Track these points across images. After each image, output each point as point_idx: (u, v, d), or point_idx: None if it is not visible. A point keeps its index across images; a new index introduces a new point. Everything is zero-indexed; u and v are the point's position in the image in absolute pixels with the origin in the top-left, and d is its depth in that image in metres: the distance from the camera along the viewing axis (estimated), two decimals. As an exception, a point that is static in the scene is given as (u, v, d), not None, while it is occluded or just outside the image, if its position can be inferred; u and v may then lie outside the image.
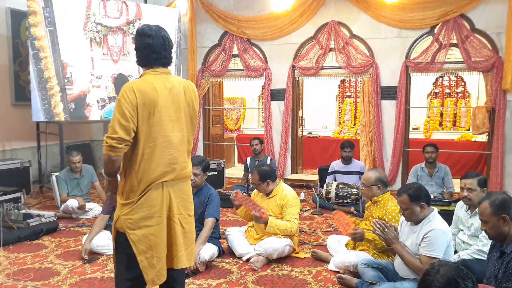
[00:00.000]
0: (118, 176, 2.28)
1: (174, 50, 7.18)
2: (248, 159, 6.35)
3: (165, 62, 2.29)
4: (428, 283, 1.81)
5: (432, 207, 2.93)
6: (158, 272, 2.20)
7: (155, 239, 2.19)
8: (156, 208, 2.19)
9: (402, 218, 3.11)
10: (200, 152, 8.05)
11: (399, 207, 2.92)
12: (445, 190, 5.37)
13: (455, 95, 9.62)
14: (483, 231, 3.10)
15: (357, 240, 3.33)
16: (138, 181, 2.17)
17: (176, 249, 2.26)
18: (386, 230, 2.88)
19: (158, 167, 2.18)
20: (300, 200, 5.54)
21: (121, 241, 2.22)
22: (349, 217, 3.69)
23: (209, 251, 3.56)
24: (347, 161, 5.83)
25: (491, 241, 2.51)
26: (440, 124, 9.56)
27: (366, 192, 3.53)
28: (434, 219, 2.84)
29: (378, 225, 2.94)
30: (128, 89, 2.12)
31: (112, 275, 3.40)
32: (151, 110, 2.14)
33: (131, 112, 2.09)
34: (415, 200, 2.82)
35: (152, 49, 2.23)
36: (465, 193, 3.27)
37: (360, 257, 3.28)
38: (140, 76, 2.27)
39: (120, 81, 6.75)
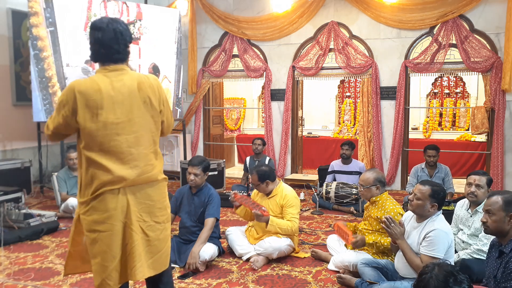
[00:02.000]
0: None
1: (174, 51, 7.24)
2: (247, 159, 6.36)
3: (117, 58, 2.12)
4: (425, 282, 1.82)
5: None
6: (103, 280, 2.10)
7: (102, 246, 2.08)
8: (108, 214, 2.07)
9: (404, 216, 3.12)
10: (200, 152, 8.07)
11: (413, 194, 2.91)
12: None
13: (454, 95, 9.64)
14: (483, 231, 3.12)
15: (359, 246, 3.35)
16: (90, 181, 2.09)
17: (134, 259, 2.11)
18: (392, 224, 2.89)
19: (108, 171, 2.07)
20: (300, 200, 5.55)
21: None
22: (348, 224, 3.65)
23: (209, 250, 3.57)
24: (345, 159, 5.85)
25: (490, 240, 2.53)
26: (440, 124, 9.58)
27: (365, 193, 3.54)
28: (438, 219, 2.86)
29: (384, 220, 2.94)
30: (70, 89, 2.05)
31: (113, 274, 3.42)
32: (94, 112, 2.04)
33: (66, 112, 2.05)
34: (433, 197, 2.83)
35: (102, 43, 2.08)
36: (473, 189, 3.28)
37: (359, 256, 3.30)
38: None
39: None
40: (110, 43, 2.08)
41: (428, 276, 1.82)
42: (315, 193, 5.63)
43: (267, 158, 6.20)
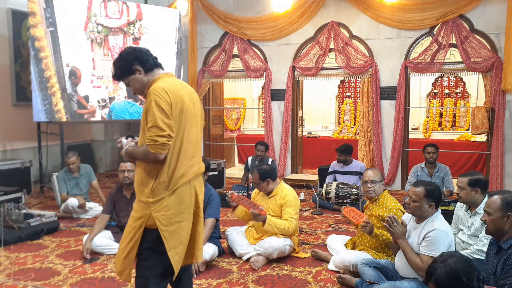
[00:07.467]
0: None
1: (174, 50, 7.24)
2: (249, 158, 6.36)
3: (160, 64, 2.41)
4: (432, 270, 1.84)
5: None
6: (179, 265, 2.28)
7: (184, 233, 2.27)
8: (186, 204, 2.27)
9: (405, 216, 3.12)
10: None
11: (409, 197, 2.91)
12: (445, 189, 5.38)
13: (455, 95, 9.64)
14: (483, 231, 3.12)
15: (366, 231, 3.30)
16: (169, 178, 2.21)
17: (198, 245, 2.39)
18: (395, 224, 2.89)
19: (184, 161, 2.25)
20: (300, 200, 5.55)
21: (149, 239, 2.22)
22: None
23: (209, 251, 3.57)
24: (343, 162, 5.84)
25: (490, 240, 2.53)
26: (440, 124, 9.58)
27: (377, 188, 3.53)
28: (437, 219, 2.86)
29: (387, 219, 2.93)
30: (161, 90, 2.18)
31: (113, 274, 3.42)
32: (181, 108, 2.23)
33: (169, 110, 2.16)
34: (428, 197, 2.83)
35: (147, 53, 2.36)
36: (457, 191, 3.35)
37: (359, 256, 3.29)
38: (154, 80, 2.29)
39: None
40: (149, 52, 2.38)
41: (435, 266, 1.83)
42: (315, 193, 5.63)
43: (269, 159, 6.20)
